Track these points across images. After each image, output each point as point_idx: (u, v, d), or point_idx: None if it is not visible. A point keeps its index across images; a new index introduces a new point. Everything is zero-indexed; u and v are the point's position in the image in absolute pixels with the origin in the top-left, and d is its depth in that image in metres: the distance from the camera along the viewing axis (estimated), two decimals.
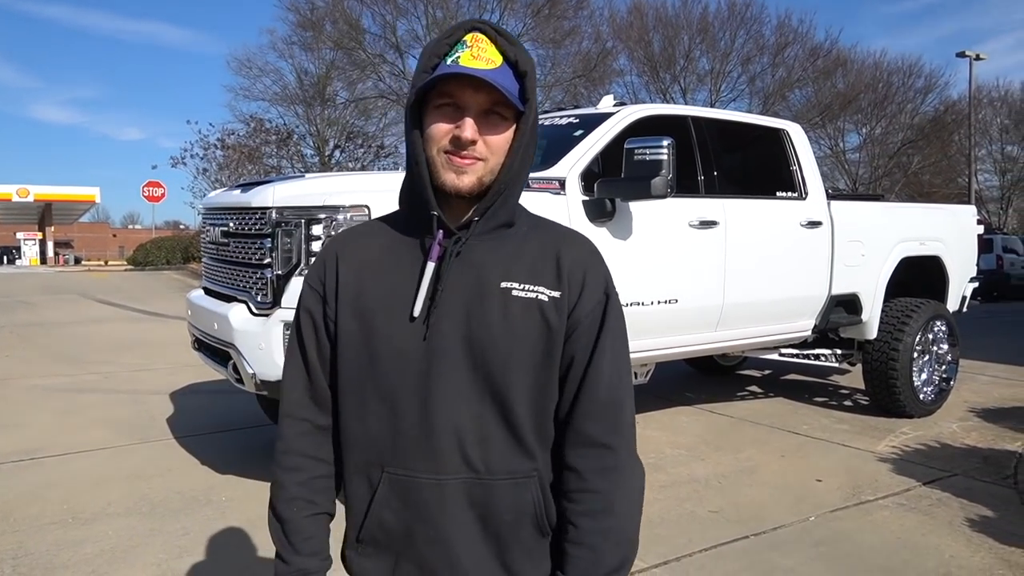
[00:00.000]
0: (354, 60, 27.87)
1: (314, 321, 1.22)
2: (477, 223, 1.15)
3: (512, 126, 1.14)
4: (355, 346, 1.17)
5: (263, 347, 3.52)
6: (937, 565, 3.16)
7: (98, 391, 6.47)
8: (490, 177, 1.14)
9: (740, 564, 3.16)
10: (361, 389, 1.17)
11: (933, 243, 6.11)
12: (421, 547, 1.15)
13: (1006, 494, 4.03)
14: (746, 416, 5.74)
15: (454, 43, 1.13)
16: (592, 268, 1.20)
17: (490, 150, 1.13)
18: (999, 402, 6.31)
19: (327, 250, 1.25)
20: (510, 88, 1.11)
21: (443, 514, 1.14)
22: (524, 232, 1.21)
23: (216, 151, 24.16)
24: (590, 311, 1.17)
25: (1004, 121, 36.93)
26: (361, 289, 1.18)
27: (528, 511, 1.17)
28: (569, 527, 1.16)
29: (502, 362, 1.13)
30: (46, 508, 3.74)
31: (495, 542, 1.16)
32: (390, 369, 1.14)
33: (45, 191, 38.02)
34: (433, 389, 1.13)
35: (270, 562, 1.22)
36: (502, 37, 1.13)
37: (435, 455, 1.13)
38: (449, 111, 1.12)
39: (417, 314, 1.13)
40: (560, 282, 1.16)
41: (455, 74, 1.09)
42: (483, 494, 1.14)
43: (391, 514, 1.16)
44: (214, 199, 4.45)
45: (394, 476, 1.15)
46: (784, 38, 30.23)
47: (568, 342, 1.17)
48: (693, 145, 4.83)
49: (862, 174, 34.38)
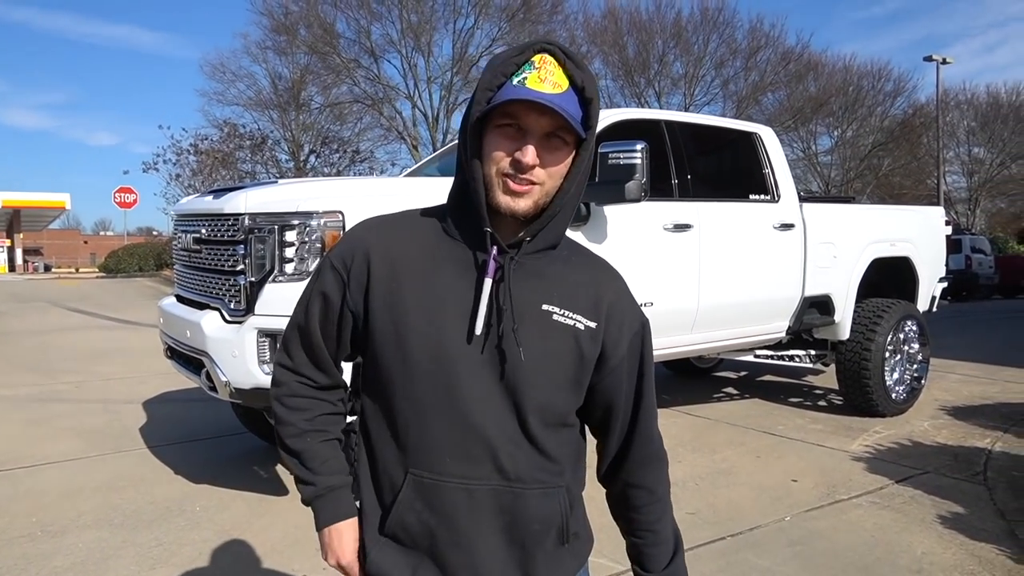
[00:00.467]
0: (329, 65, 27.76)
1: (328, 301, 1.22)
2: (528, 243, 1.16)
3: (571, 151, 1.14)
4: (388, 344, 1.17)
5: (236, 355, 3.48)
6: (910, 562, 3.21)
7: (68, 401, 6.36)
8: (545, 199, 1.15)
9: (717, 565, 3.18)
10: (391, 388, 1.17)
11: (903, 244, 6.21)
12: (443, 549, 1.16)
13: (976, 491, 4.09)
14: (722, 417, 5.78)
15: (522, 63, 1.11)
16: (629, 305, 1.25)
17: (548, 175, 1.13)
18: (969, 400, 6.41)
19: (358, 237, 1.23)
20: (574, 114, 1.10)
21: (469, 519, 1.15)
22: (566, 256, 1.23)
23: (189, 156, 23.96)
24: (628, 342, 1.23)
25: (971, 123, 37.61)
26: (396, 287, 1.17)
27: (555, 522, 1.20)
28: (648, 534, 1.30)
29: (529, 382, 1.14)
30: (14, 521, 3.66)
31: (519, 550, 1.18)
32: (425, 372, 1.14)
33: (13, 197, 37.27)
34: (464, 398, 1.13)
35: (246, 572, 1.21)
36: (571, 61, 1.11)
37: (467, 460, 1.14)
38: (511, 132, 1.11)
39: (479, 331, 1.13)
40: (598, 314, 1.20)
41: (522, 99, 1.08)
42: (512, 502, 1.16)
43: (414, 516, 1.16)
44: (186, 205, 4.40)
45: (419, 479, 1.15)
46: (756, 42, 30.60)
47: (608, 373, 1.22)
48: (667, 149, 4.87)
49: (834, 176, 34.86)
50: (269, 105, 28.84)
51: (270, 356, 3.45)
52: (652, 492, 1.29)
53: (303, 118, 29.28)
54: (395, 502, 1.17)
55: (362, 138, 29.67)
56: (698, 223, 4.75)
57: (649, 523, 1.30)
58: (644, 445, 1.28)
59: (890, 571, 3.12)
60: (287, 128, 29.15)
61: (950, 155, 37.22)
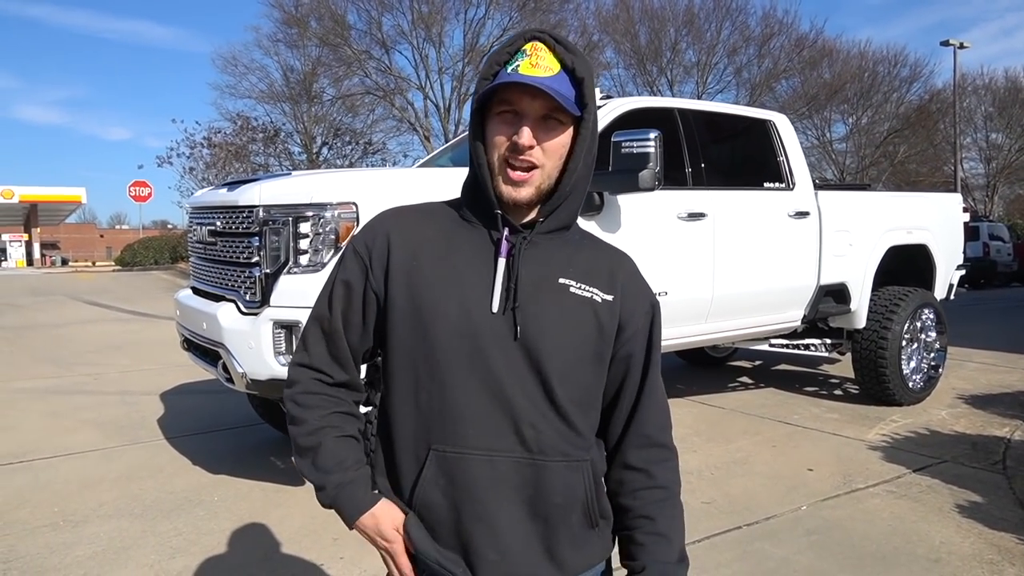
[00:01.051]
0: (340, 56, 27.73)
1: (351, 287, 1.24)
2: (542, 223, 1.21)
3: (568, 130, 1.18)
4: (408, 323, 1.19)
5: (252, 346, 3.50)
6: (928, 551, 3.19)
7: (87, 392, 6.43)
8: (547, 182, 1.19)
9: (733, 554, 3.17)
10: (413, 367, 1.19)
11: (920, 231, 6.14)
12: (467, 524, 1.16)
13: (995, 480, 4.06)
14: (737, 407, 5.76)
15: (514, 52, 1.18)
16: (641, 283, 1.29)
17: (546, 155, 1.17)
18: (987, 389, 6.36)
19: (380, 222, 1.27)
20: (566, 94, 1.15)
21: (492, 492, 1.15)
22: (577, 240, 1.28)
23: (203, 150, 24.04)
24: (640, 319, 1.26)
25: (988, 109, 37.09)
26: (416, 267, 1.20)
27: (579, 497, 1.20)
28: (643, 521, 1.25)
29: (551, 352, 1.17)
30: (36, 511, 3.72)
31: (542, 524, 1.18)
32: (446, 349, 1.16)
33: (30, 192, 37.64)
34: (488, 370, 1.15)
35: (265, 561, 1.22)
36: (560, 45, 1.17)
37: (489, 433, 1.15)
38: (509, 117, 1.17)
39: (496, 308, 1.16)
40: (614, 288, 1.23)
41: (513, 83, 1.14)
42: (534, 475, 1.17)
43: (438, 492, 1.17)
44: (201, 198, 4.42)
45: (442, 454, 1.16)
46: (769, 29, 30.29)
47: (621, 346, 1.24)
48: (680, 137, 4.84)
49: (849, 164, 34.54)
50: (281, 98, 28.88)
51: (286, 347, 3.47)
52: (650, 476, 1.25)
53: (315, 110, 29.30)
54: (418, 481, 1.18)
55: (374, 130, 29.66)
56: (712, 212, 4.72)
57: (646, 509, 1.24)
58: (646, 426, 1.27)
59: (908, 561, 3.11)
60: (299, 120, 29.18)
61: (967, 141, 36.79)
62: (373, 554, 1.37)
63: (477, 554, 1.16)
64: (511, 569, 1.17)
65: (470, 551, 1.17)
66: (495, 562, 1.16)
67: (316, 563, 3.11)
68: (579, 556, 1.22)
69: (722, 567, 3.05)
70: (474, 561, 1.17)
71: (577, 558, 1.21)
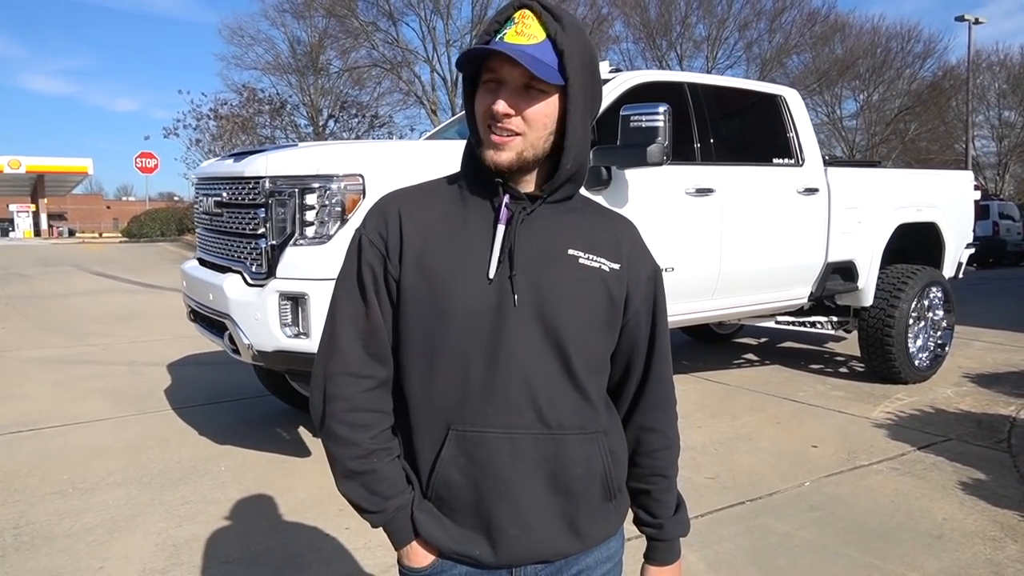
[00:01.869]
0: (347, 28, 27.53)
1: (375, 276, 1.21)
2: (546, 196, 1.20)
3: (551, 99, 1.16)
4: (422, 307, 1.18)
5: (259, 317, 3.51)
6: (931, 527, 3.20)
7: (95, 362, 6.47)
8: (531, 152, 1.17)
9: (736, 529, 3.19)
10: (430, 350, 1.18)
11: (929, 209, 6.10)
12: (488, 502, 1.16)
13: (999, 458, 4.07)
14: (742, 384, 5.77)
15: (504, 21, 1.17)
16: (644, 249, 1.29)
17: (527, 124, 1.15)
18: (994, 368, 6.35)
19: (387, 206, 1.24)
20: (548, 62, 1.13)
21: (512, 468, 1.16)
22: (580, 208, 1.26)
23: (209, 121, 23.93)
24: (645, 284, 1.26)
25: (1002, 86, 36.63)
26: (426, 248, 1.18)
27: (598, 469, 1.21)
28: (660, 479, 1.31)
29: (569, 323, 1.17)
30: (46, 478, 3.76)
31: (563, 498, 1.19)
32: (461, 327, 1.15)
33: (37, 163, 37.65)
34: (505, 346, 1.14)
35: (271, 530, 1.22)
36: (547, 12, 1.15)
37: (508, 410, 1.15)
38: (492, 86, 1.16)
39: (492, 275, 1.15)
40: (620, 257, 1.23)
41: (491, 51, 1.13)
42: (554, 448, 1.17)
43: (458, 471, 1.17)
44: (207, 169, 4.41)
45: (461, 434, 1.16)
46: (781, 3, 29.94)
47: (631, 316, 1.25)
48: (689, 112, 4.79)
49: (859, 141, 34.27)
50: (288, 69, 28.72)
51: (291, 319, 3.47)
52: (667, 436, 1.31)
53: (322, 82, 29.13)
54: (436, 461, 1.17)
55: (381, 103, 29.48)
56: (720, 187, 4.69)
57: (662, 468, 1.31)
58: (658, 388, 1.30)
59: (910, 537, 3.12)
60: (306, 93, 29.03)
61: (980, 119, 36.37)
62: None
63: (499, 530, 1.17)
64: (533, 544, 1.18)
65: (492, 527, 1.17)
66: (517, 537, 1.17)
67: (322, 532, 3.14)
68: (598, 528, 1.23)
69: (725, 541, 3.07)
70: (496, 537, 1.17)
71: (596, 530, 1.23)
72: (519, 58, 1.10)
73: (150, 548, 3.01)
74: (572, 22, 1.16)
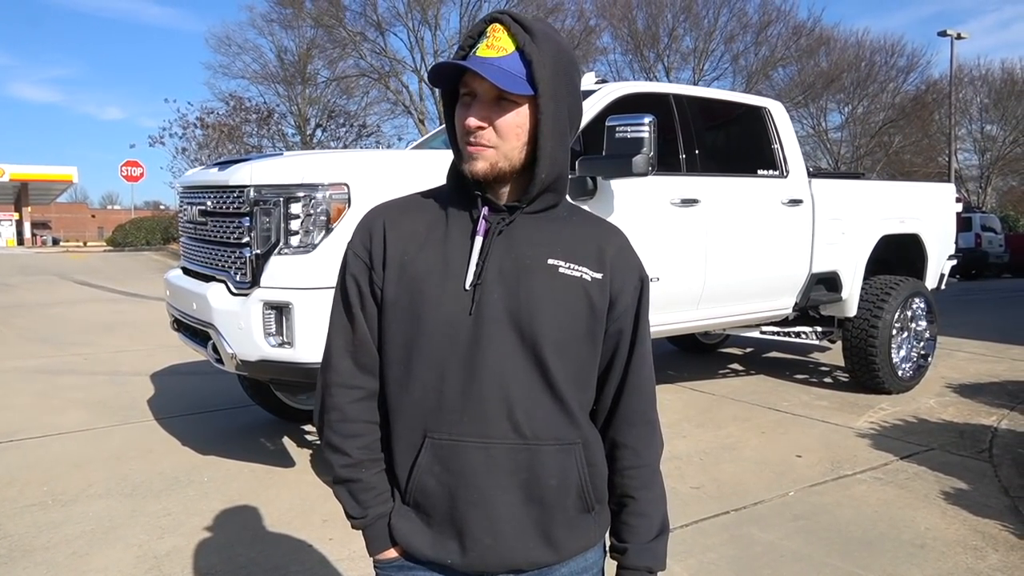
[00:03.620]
0: (335, 38, 27.56)
1: (360, 288, 1.24)
2: (523, 206, 1.20)
3: (522, 109, 1.17)
4: (402, 315, 1.20)
5: (243, 327, 3.49)
6: (913, 537, 3.22)
7: (77, 373, 6.40)
8: (506, 163, 1.18)
9: (720, 539, 3.19)
10: (407, 357, 1.19)
11: (912, 221, 6.15)
12: (462, 510, 1.17)
13: (981, 467, 4.10)
14: (727, 393, 5.79)
15: (477, 35, 1.19)
16: (631, 257, 1.28)
17: (499, 135, 1.17)
18: (976, 378, 6.40)
19: (372, 219, 1.27)
20: (516, 73, 1.15)
21: (487, 477, 1.16)
22: (565, 216, 1.26)
23: (195, 130, 23.84)
24: (630, 294, 1.25)
25: (984, 100, 37.10)
26: (408, 259, 1.21)
27: (573, 480, 1.20)
28: (629, 500, 1.26)
29: (547, 333, 1.17)
30: (25, 490, 3.71)
31: (538, 508, 1.19)
32: (438, 336, 1.17)
33: (21, 171, 37.34)
34: (482, 356, 1.15)
35: (254, 542, 1.22)
36: (517, 24, 1.17)
37: (483, 419, 1.16)
38: (467, 100, 1.18)
39: (469, 286, 1.16)
40: (603, 265, 1.22)
41: (456, 66, 1.15)
42: (529, 459, 1.17)
43: (433, 479, 1.18)
44: (191, 177, 4.39)
45: (437, 442, 1.17)
46: (767, 16, 30.26)
47: (612, 323, 1.24)
48: (675, 123, 4.82)
49: (844, 153, 34.58)
50: (275, 79, 28.72)
51: (276, 328, 3.46)
52: (638, 454, 1.26)
53: (309, 92, 29.13)
54: (413, 468, 1.19)
55: (369, 112, 29.53)
56: (705, 198, 4.72)
57: (632, 488, 1.26)
58: (635, 402, 1.27)
59: (893, 546, 3.14)
60: (293, 102, 29.01)
61: (962, 132, 36.82)
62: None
63: (473, 538, 1.17)
64: (506, 553, 1.18)
65: (465, 535, 1.17)
66: (490, 546, 1.17)
67: (305, 543, 3.11)
68: (574, 539, 1.22)
69: (709, 551, 3.07)
70: (469, 545, 1.17)
71: (572, 541, 1.22)
72: (483, 72, 1.12)
73: (131, 561, 2.98)
74: (543, 32, 1.17)
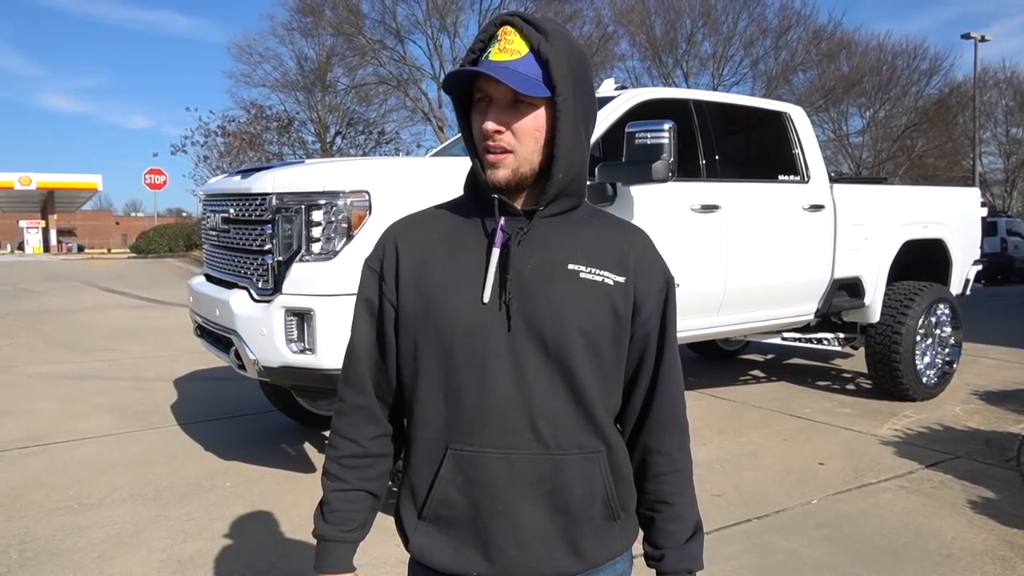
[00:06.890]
0: (354, 46, 27.72)
1: (370, 303, 1.24)
2: (542, 210, 1.18)
3: (539, 111, 1.15)
4: (419, 324, 1.19)
5: (264, 333, 3.52)
6: (939, 547, 3.17)
7: (102, 378, 6.49)
8: (527, 167, 1.17)
9: (742, 547, 3.17)
10: (427, 369, 1.19)
11: (936, 226, 6.08)
12: (486, 521, 1.16)
13: (1008, 476, 4.03)
14: (748, 400, 5.74)
15: (488, 39, 1.17)
16: (655, 258, 1.26)
17: (517, 139, 1.15)
18: (1002, 385, 6.30)
19: (387, 234, 1.27)
20: (532, 75, 1.13)
21: (510, 488, 1.15)
22: (586, 219, 1.24)
23: (217, 138, 24.10)
24: (654, 297, 1.23)
25: (1009, 103, 36.62)
26: (424, 269, 1.20)
27: (598, 488, 1.19)
28: (664, 507, 1.24)
29: (568, 340, 1.15)
30: (51, 494, 3.76)
31: (563, 518, 1.17)
32: (458, 347, 1.15)
33: (47, 179, 37.97)
34: (503, 366, 1.14)
35: (276, 547, 1.23)
36: (529, 25, 1.15)
37: (504, 430, 1.14)
38: (483, 105, 1.16)
39: (487, 299, 1.15)
40: (625, 269, 1.20)
41: (471, 71, 1.14)
42: (552, 469, 1.16)
43: (456, 490, 1.16)
44: (214, 185, 4.44)
45: (459, 452, 1.16)
46: (787, 21, 29.98)
47: (638, 328, 1.22)
48: (695, 129, 4.80)
49: (865, 158, 34.21)
50: (295, 86, 28.91)
51: (297, 335, 3.48)
52: (673, 460, 1.24)
53: (329, 99, 29.32)
54: (435, 479, 1.17)
55: (387, 119, 29.63)
56: (726, 204, 4.69)
57: (667, 495, 1.24)
58: (666, 407, 1.24)
59: (919, 556, 3.09)
60: (313, 109, 29.21)
61: (987, 135, 36.34)
62: (382, 542, 1.38)
63: (498, 548, 1.16)
64: (532, 563, 1.16)
65: (490, 546, 1.16)
66: (516, 556, 1.16)
67: None
68: (600, 548, 1.21)
69: (731, 559, 3.04)
70: (495, 556, 1.16)
71: (598, 550, 1.20)
72: (499, 76, 1.10)
73: (155, 565, 3.01)
74: (556, 31, 1.15)
